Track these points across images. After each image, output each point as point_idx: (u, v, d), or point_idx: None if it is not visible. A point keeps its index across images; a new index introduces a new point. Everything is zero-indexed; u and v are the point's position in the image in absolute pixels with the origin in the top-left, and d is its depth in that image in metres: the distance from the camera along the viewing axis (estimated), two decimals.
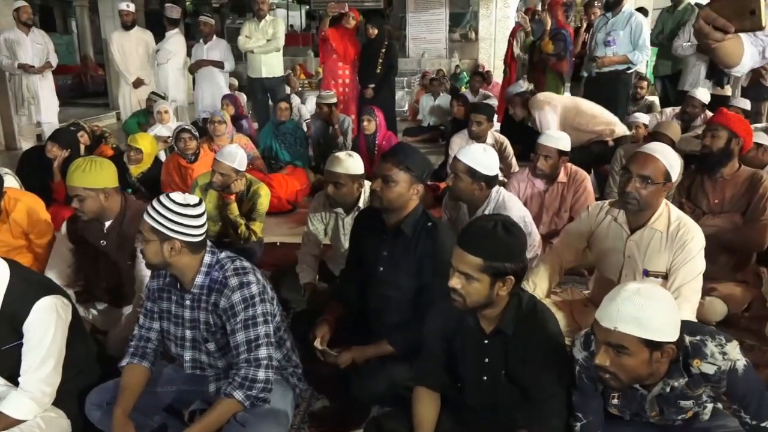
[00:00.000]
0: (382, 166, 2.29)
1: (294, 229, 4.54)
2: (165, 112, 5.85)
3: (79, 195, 2.59)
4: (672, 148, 3.24)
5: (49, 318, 2.01)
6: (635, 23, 5.40)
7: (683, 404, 1.72)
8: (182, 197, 1.94)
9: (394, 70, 6.63)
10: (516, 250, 1.76)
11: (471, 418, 1.98)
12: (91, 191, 2.59)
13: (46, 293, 2.03)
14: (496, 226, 1.74)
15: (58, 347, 2.05)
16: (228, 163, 3.40)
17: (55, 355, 2.04)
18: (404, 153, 2.32)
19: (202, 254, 2.00)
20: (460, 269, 1.75)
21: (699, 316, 2.37)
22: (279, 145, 5.89)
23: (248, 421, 1.94)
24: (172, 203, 1.91)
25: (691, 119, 5.16)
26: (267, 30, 6.84)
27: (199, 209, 1.95)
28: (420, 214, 2.33)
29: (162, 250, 1.92)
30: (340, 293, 2.64)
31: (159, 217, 1.90)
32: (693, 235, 2.30)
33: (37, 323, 1.99)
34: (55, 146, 4.42)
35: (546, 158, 3.51)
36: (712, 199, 3.13)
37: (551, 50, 6.10)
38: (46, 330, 2.00)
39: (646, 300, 1.54)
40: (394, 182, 2.24)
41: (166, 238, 1.91)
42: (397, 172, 2.25)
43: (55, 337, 2.03)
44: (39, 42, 6.79)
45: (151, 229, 1.91)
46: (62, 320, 2.06)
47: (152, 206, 1.92)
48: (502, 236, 1.73)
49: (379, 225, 2.39)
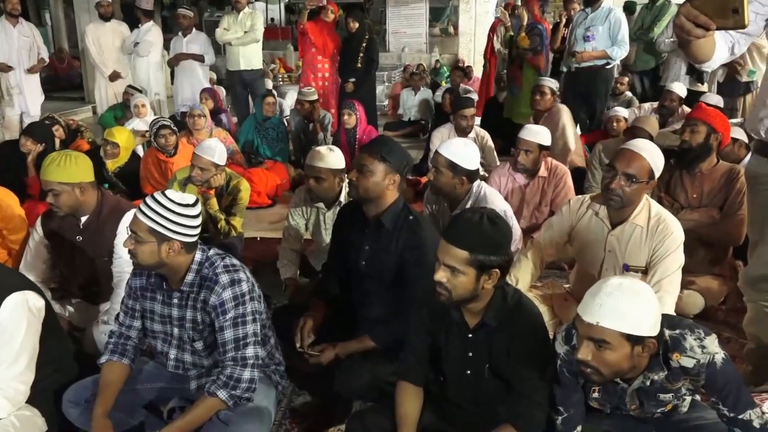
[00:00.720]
0: (359, 157, 2.32)
1: (274, 224, 4.51)
2: (142, 106, 5.76)
3: (54, 190, 2.54)
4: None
5: (20, 314, 1.96)
6: (614, 18, 5.43)
7: (663, 397, 1.74)
8: (180, 197, 1.90)
9: (374, 64, 6.60)
10: (502, 243, 1.76)
11: (454, 412, 1.98)
12: (66, 186, 2.54)
13: (15, 289, 1.98)
14: (482, 218, 1.74)
15: (30, 344, 2.01)
16: (207, 157, 3.35)
17: (27, 352, 2.00)
18: (381, 144, 2.34)
19: (194, 253, 1.97)
20: (446, 262, 1.74)
21: (677, 309, 2.40)
22: (261, 140, 5.85)
23: (231, 420, 1.92)
24: (172, 203, 1.87)
25: (669, 114, 5.23)
26: (245, 22, 6.79)
27: (197, 209, 1.93)
28: (401, 207, 2.32)
29: (159, 251, 1.88)
30: (323, 288, 2.63)
31: (159, 218, 1.85)
32: (672, 230, 2.33)
33: (7, 320, 1.94)
34: (29, 140, 4.33)
35: (527, 152, 3.53)
36: (690, 193, 3.16)
37: (527, 45, 6.12)
38: (17, 327, 1.95)
39: (628, 295, 1.54)
40: (370, 172, 2.25)
41: (165, 239, 1.87)
42: (373, 161, 2.26)
43: (27, 333, 1.98)
44: (26, 34, 6.67)
45: (150, 230, 1.86)
46: (34, 317, 2.02)
47: (149, 206, 1.86)
48: (488, 229, 1.72)
49: (361, 219, 2.39)
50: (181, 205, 1.88)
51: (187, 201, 1.91)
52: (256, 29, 6.81)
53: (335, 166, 2.89)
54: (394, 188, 2.30)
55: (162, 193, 1.90)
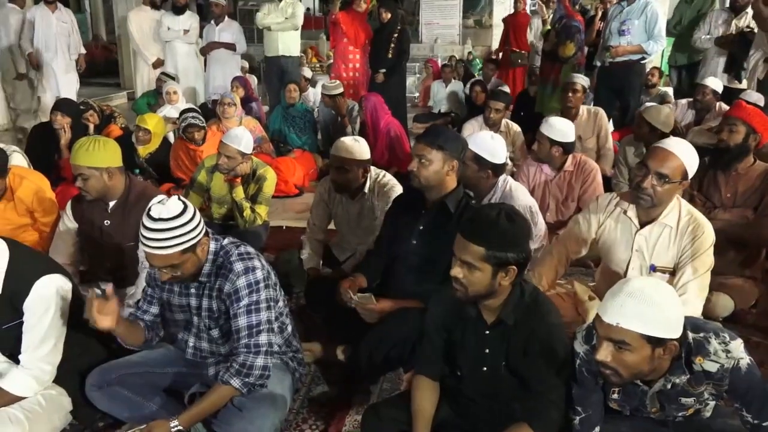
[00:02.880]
0: (415, 147, 2.38)
1: (301, 213, 4.54)
2: (174, 93, 5.83)
3: (82, 174, 2.60)
4: (651, 133, 3.25)
5: (49, 297, 2.03)
6: (651, 12, 5.27)
7: (684, 401, 1.70)
8: (167, 209, 1.84)
9: (405, 55, 6.56)
10: (519, 240, 1.74)
11: (470, 407, 1.97)
12: (94, 170, 2.59)
13: (46, 273, 2.04)
14: (500, 215, 1.72)
15: (58, 326, 2.07)
16: (234, 145, 3.38)
17: (55, 334, 2.06)
18: (436, 133, 2.39)
19: (207, 245, 1.99)
20: (463, 258, 1.73)
21: (705, 312, 2.35)
22: (288, 129, 5.87)
23: (245, 405, 1.94)
24: (174, 218, 1.84)
25: (704, 109, 5.08)
26: (286, 9, 6.77)
27: (190, 211, 1.89)
28: (462, 193, 2.39)
29: (198, 257, 1.93)
30: (365, 266, 2.68)
31: (180, 238, 1.85)
32: (704, 231, 2.26)
33: (36, 302, 2.00)
34: (57, 114, 4.39)
35: (540, 144, 3.50)
36: (724, 193, 3.08)
37: (572, 53, 5.86)
38: (46, 309, 2.01)
39: (649, 296, 1.51)
40: (429, 161, 2.32)
41: (193, 249, 1.90)
42: (431, 150, 2.32)
43: (55, 316, 2.04)
44: (64, 20, 6.80)
45: (182, 251, 1.86)
46: (63, 299, 2.08)
47: (160, 232, 1.82)
48: (505, 225, 1.71)
49: (418, 204, 2.45)
50: (178, 216, 1.85)
51: (177, 210, 1.86)
52: (297, 16, 6.80)
53: (360, 157, 2.88)
54: (453, 174, 2.36)
55: (151, 216, 1.84)
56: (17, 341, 2.02)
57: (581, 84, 4.65)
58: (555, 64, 5.99)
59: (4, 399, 2.01)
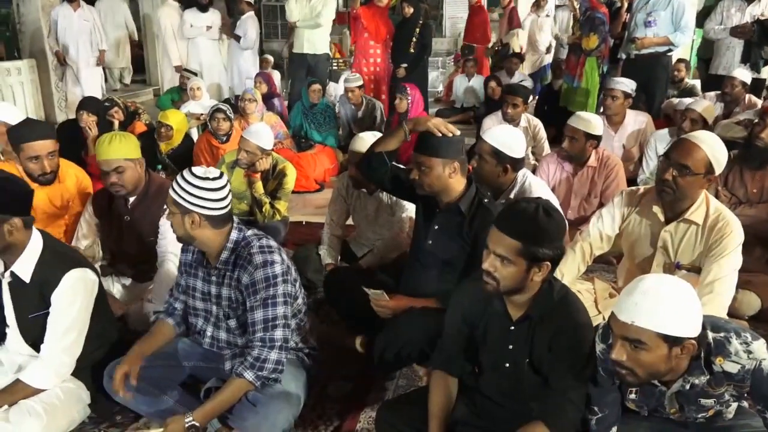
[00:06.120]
0: (413, 156, 2.34)
1: (320, 208, 4.54)
2: (197, 89, 5.88)
3: (120, 167, 2.64)
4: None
5: (76, 290, 2.06)
6: (677, 3, 5.13)
7: (704, 402, 1.65)
8: (203, 171, 1.95)
9: (427, 49, 6.51)
10: (555, 236, 1.70)
11: (487, 406, 1.94)
12: (130, 162, 2.66)
13: (76, 265, 2.08)
14: (538, 209, 1.68)
15: (81, 319, 2.10)
16: (254, 141, 3.39)
17: (78, 327, 2.09)
18: (428, 140, 2.31)
19: (227, 230, 2.01)
20: (497, 252, 1.69)
21: (731, 310, 2.28)
22: (309, 125, 5.88)
23: (259, 401, 1.95)
24: (192, 177, 1.93)
25: (733, 101, 4.93)
26: (316, 6, 6.66)
27: (219, 182, 1.95)
28: (474, 193, 2.35)
29: (183, 223, 1.95)
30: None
31: (180, 191, 1.92)
32: (732, 229, 2.19)
33: (64, 294, 2.04)
34: (84, 113, 4.44)
35: (572, 140, 3.42)
36: (750, 188, 3.01)
37: (595, 45, 5.77)
38: (72, 301, 2.05)
39: (665, 293, 1.47)
40: (428, 168, 2.28)
41: (186, 212, 1.93)
42: (427, 158, 2.27)
43: (80, 309, 2.08)
44: (87, 18, 6.91)
45: (174, 202, 1.94)
46: (89, 293, 2.12)
47: (176, 180, 1.95)
48: (543, 220, 1.66)
49: (433, 203, 2.43)
50: (200, 178, 1.92)
51: (207, 174, 1.94)
52: (322, 15, 6.66)
53: None
54: (457, 175, 2.31)
55: (189, 168, 1.95)
56: (42, 331, 2.06)
57: (622, 90, 4.34)
58: (579, 56, 5.90)
59: (24, 392, 2.04)
